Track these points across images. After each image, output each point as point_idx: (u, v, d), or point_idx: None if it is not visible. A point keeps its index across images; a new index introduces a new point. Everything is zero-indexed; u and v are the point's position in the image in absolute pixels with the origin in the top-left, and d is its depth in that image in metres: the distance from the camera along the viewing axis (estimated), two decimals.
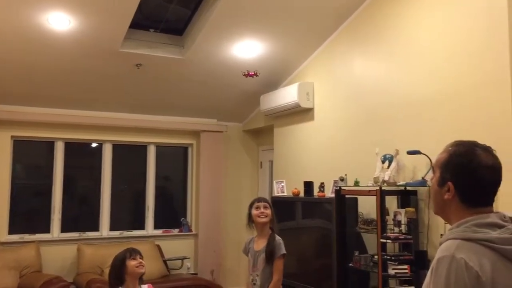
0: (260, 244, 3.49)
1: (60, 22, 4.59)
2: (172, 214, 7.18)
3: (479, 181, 1.41)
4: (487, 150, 1.45)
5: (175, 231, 7.02)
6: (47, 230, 6.32)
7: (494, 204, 1.51)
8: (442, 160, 1.48)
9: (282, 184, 5.57)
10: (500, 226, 1.37)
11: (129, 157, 7.04)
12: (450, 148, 1.47)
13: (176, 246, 6.87)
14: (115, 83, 5.87)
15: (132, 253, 3.08)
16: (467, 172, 1.42)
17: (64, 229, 6.40)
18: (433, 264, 1.36)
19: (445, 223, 3.75)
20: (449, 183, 1.44)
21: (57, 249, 6.19)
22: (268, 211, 3.49)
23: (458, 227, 1.39)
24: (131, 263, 3.03)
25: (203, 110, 6.93)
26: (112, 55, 5.24)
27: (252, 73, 5.51)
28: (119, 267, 3.03)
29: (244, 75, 5.61)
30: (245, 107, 7.00)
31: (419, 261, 3.88)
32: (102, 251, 6.15)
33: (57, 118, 6.22)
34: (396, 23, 4.55)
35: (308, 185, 5.07)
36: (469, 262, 1.29)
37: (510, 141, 3.47)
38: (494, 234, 1.34)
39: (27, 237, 6.12)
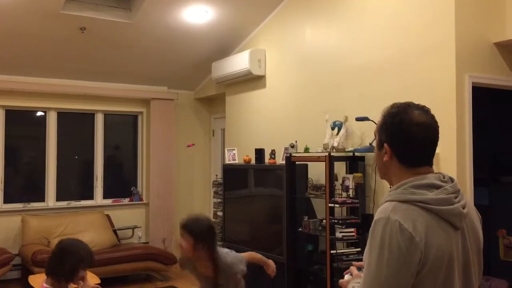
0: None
1: None
2: (122, 184, 7.04)
3: (411, 138, 1.42)
4: (421, 109, 1.46)
5: (126, 201, 6.90)
6: None
7: (436, 167, 1.54)
8: (379, 124, 1.50)
9: (234, 152, 5.56)
10: (437, 187, 1.39)
11: (76, 125, 6.80)
12: (385, 112, 1.50)
13: (126, 215, 6.78)
14: (58, 47, 5.58)
15: (86, 266, 2.50)
16: (398, 130, 1.43)
17: (7, 200, 6.16)
18: (371, 227, 1.39)
19: (390, 187, 3.88)
20: (385, 144, 1.46)
21: (0, 221, 5.96)
22: (185, 243, 2.60)
23: (396, 189, 1.42)
24: (79, 275, 2.46)
25: (153, 77, 6.75)
26: (53, 17, 4.96)
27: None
28: (69, 270, 2.43)
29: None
30: (196, 75, 6.87)
31: (366, 224, 4.01)
32: (48, 222, 5.98)
33: None
34: None
35: (259, 152, 5.08)
36: (403, 224, 1.31)
37: (453, 106, 3.59)
38: (430, 195, 1.37)
39: None
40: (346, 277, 1.58)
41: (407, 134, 1.42)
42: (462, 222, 1.40)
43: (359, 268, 1.55)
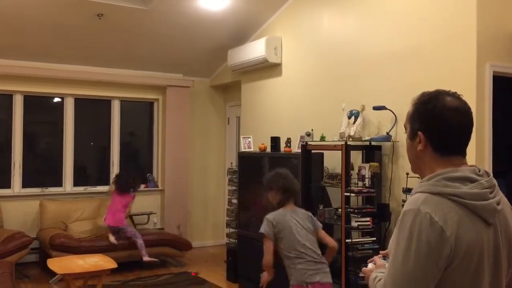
0: None
1: None
2: (138, 170, 7.10)
3: (445, 124, 1.38)
4: (453, 95, 1.42)
5: (141, 187, 6.96)
6: (7, 185, 6.16)
7: None
8: (410, 113, 1.46)
9: (249, 139, 5.56)
10: (472, 180, 1.35)
11: (93, 112, 6.85)
12: (415, 100, 1.45)
13: (142, 201, 6.82)
14: (75, 33, 5.61)
15: None
16: (433, 117, 1.39)
17: (25, 184, 6.26)
18: (399, 217, 1.36)
19: (407, 176, 3.83)
20: (419, 133, 1.42)
21: (18, 205, 6.07)
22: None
23: (429, 181, 1.37)
24: None
25: (169, 64, 6.75)
26: (71, 4, 4.98)
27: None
28: None
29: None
30: (212, 62, 6.86)
31: (381, 214, 4.00)
32: (65, 207, 6.07)
33: (14, 70, 5.94)
34: None
35: (275, 141, 5.07)
36: (434, 217, 1.28)
37: (473, 95, 3.53)
38: (464, 188, 1.32)
39: None
40: (370, 265, 1.56)
41: (441, 119, 1.38)
42: (495, 218, 1.36)
43: (384, 257, 1.53)
